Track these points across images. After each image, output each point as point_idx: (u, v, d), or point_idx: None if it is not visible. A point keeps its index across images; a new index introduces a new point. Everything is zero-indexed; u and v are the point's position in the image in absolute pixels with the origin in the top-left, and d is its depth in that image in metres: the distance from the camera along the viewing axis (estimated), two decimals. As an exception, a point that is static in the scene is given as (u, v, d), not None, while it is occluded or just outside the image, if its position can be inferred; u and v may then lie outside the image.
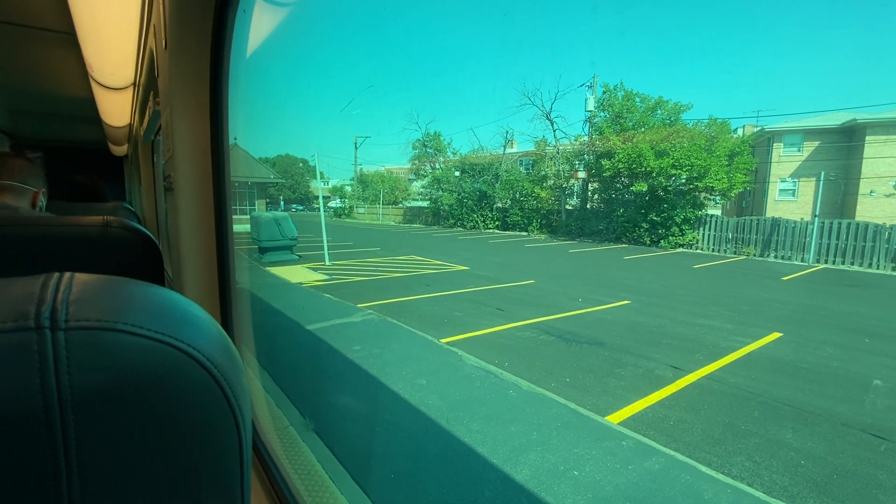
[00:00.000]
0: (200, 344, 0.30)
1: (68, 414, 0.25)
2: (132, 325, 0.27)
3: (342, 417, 3.81)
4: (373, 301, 7.61)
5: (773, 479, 2.96)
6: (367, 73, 54.62)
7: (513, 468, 2.98)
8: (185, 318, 0.31)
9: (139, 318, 0.28)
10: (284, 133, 59.63)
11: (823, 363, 5.13)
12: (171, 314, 0.30)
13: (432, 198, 29.50)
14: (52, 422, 0.25)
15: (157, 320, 0.29)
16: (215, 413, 0.32)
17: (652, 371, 4.76)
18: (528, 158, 26.25)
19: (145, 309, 0.29)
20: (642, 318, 6.93)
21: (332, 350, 5.33)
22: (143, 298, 0.30)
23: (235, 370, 0.34)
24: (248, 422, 0.36)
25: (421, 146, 31.35)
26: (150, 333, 0.28)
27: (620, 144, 18.51)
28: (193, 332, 0.30)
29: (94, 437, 0.26)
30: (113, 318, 0.27)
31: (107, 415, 0.26)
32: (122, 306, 0.28)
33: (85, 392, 0.25)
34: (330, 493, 2.45)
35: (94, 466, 0.27)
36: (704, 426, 3.63)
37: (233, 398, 0.33)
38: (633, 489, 2.80)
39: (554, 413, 3.79)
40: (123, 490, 0.28)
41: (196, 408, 0.30)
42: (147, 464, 0.29)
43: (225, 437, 0.33)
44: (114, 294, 0.29)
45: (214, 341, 0.32)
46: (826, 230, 15.01)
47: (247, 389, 0.36)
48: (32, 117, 4.89)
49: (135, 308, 0.28)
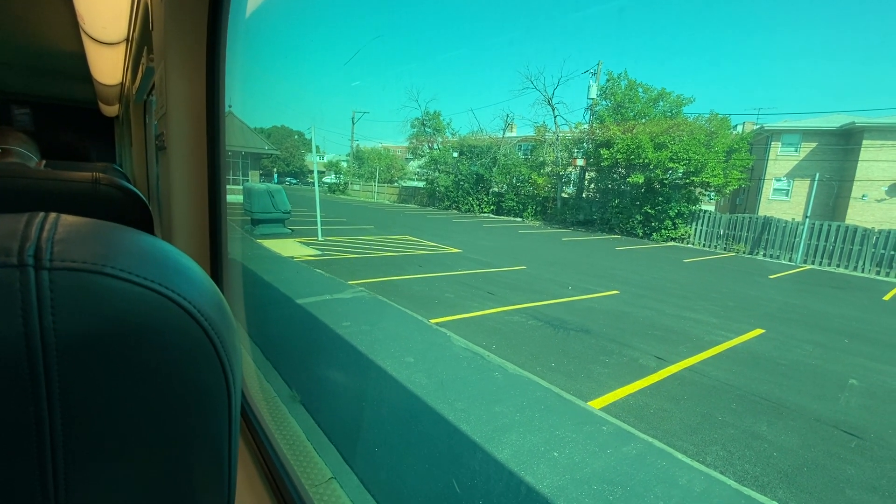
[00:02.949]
0: (193, 296, 0.29)
1: (52, 358, 0.24)
2: (121, 270, 0.26)
3: (329, 391, 3.84)
4: (364, 279, 7.61)
5: (746, 469, 3.06)
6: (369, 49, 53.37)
7: (494, 447, 3.04)
8: (177, 268, 0.29)
9: (129, 263, 0.26)
10: (280, 103, 58.33)
11: (802, 361, 5.26)
12: (163, 263, 0.29)
13: (429, 178, 29.26)
14: (34, 365, 0.24)
15: (149, 267, 0.27)
16: (206, 369, 0.31)
17: (636, 360, 4.85)
18: (527, 143, 26.05)
19: (136, 255, 0.27)
20: (630, 308, 7.01)
21: (321, 325, 5.34)
22: (133, 244, 0.28)
23: (228, 328, 0.33)
24: (238, 382, 0.35)
25: (420, 125, 30.94)
26: (140, 280, 0.26)
27: (620, 134, 18.42)
28: (186, 283, 0.29)
29: (78, 385, 0.25)
30: (101, 261, 0.25)
31: (92, 362, 0.25)
32: (110, 250, 0.26)
33: (70, 336, 0.24)
34: (314, 463, 2.48)
35: (78, 414, 0.26)
36: (683, 416, 3.72)
37: (224, 356, 0.32)
38: (611, 472, 2.88)
39: (538, 396, 3.85)
40: (108, 441, 0.27)
41: (186, 362, 0.29)
42: (133, 416, 0.28)
43: (214, 395, 0.32)
44: (102, 237, 0.27)
45: (207, 296, 0.31)
46: (816, 231, 15.20)
47: (239, 350, 0.35)
48: (19, 71, 4.72)
49: (125, 253, 0.27)
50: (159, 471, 0.30)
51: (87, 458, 0.27)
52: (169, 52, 1.05)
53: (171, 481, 0.31)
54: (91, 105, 6.17)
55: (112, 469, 0.28)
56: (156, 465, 0.30)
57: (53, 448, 0.26)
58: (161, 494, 0.31)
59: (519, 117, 37.15)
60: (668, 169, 17.74)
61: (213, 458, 0.34)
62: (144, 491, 0.30)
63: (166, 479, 0.31)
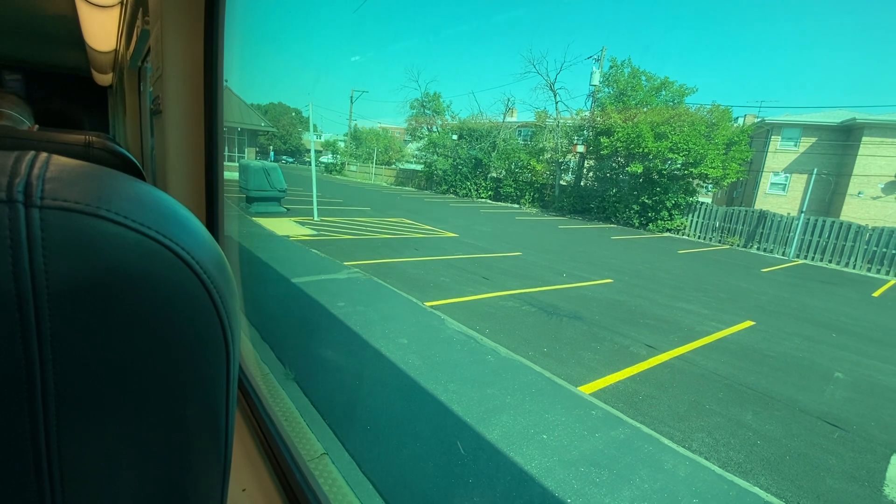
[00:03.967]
0: (192, 248, 0.28)
1: (43, 301, 0.23)
2: (116, 214, 0.24)
3: (323, 369, 3.86)
4: (360, 260, 7.60)
5: (730, 456, 3.13)
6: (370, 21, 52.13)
7: (485, 428, 3.08)
8: (176, 218, 0.28)
9: (125, 207, 0.25)
10: (277, 80, 57.22)
11: (790, 353, 5.34)
12: (162, 211, 0.27)
13: (427, 161, 29.05)
14: (25, 308, 0.22)
15: (145, 214, 0.26)
16: (205, 325, 0.30)
17: (627, 348, 4.90)
18: (528, 129, 25.84)
19: (133, 200, 0.26)
20: (623, 297, 7.06)
21: (315, 304, 5.35)
22: (130, 189, 0.27)
23: (228, 285, 0.32)
24: (237, 343, 0.34)
25: (419, 106, 30.58)
26: (137, 226, 0.25)
27: (621, 123, 18.29)
28: (185, 234, 0.28)
29: (72, 330, 0.24)
30: (95, 202, 0.24)
31: (85, 308, 0.24)
32: (105, 193, 0.25)
33: (62, 280, 0.23)
34: (307, 439, 2.51)
35: (71, 361, 0.25)
36: (671, 403, 3.78)
37: (224, 313, 0.31)
38: (598, 455, 2.93)
39: (529, 380, 3.90)
40: (101, 392, 0.26)
41: (183, 316, 0.28)
42: (128, 367, 0.27)
43: (213, 354, 0.31)
44: (97, 179, 0.26)
45: (207, 249, 0.30)
46: (810, 227, 15.30)
47: (238, 311, 0.34)
48: (10, 36, 4.58)
49: (120, 197, 0.25)
50: (154, 427, 0.30)
51: (80, 407, 0.26)
52: (166, 10, 1.01)
53: (165, 440, 0.31)
54: (84, 73, 6.03)
55: (106, 422, 0.27)
56: (150, 421, 0.29)
57: (45, 396, 0.24)
58: (155, 452, 0.30)
59: (520, 101, 36.77)
60: (667, 159, 17.70)
61: (209, 420, 0.33)
62: (138, 447, 0.29)
63: (161, 437, 0.30)
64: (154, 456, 0.30)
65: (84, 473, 0.27)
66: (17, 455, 0.25)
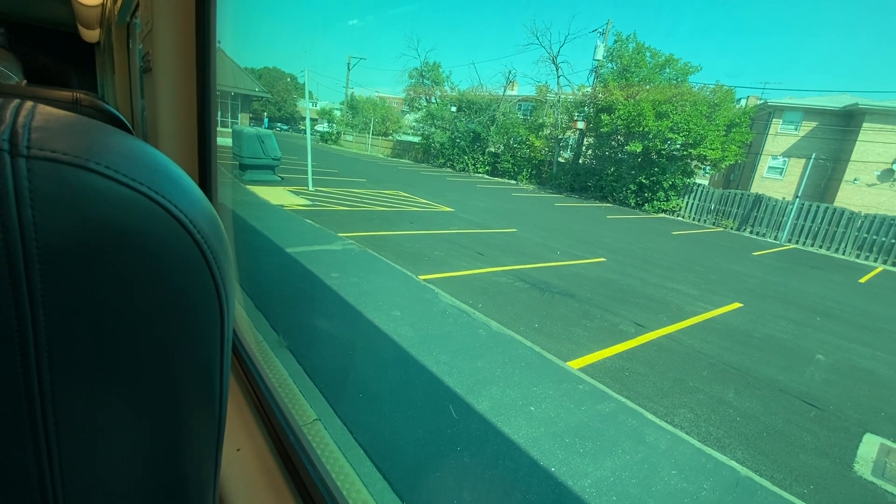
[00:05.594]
0: (185, 206, 0.27)
1: (33, 257, 0.22)
2: (106, 168, 0.24)
3: (316, 339, 3.90)
4: (354, 232, 7.56)
5: (710, 431, 3.23)
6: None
7: (474, 399, 3.15)
8: (168, 175, 0.27)
9: (116, 161, 0.24)
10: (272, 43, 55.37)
11: (775, 335, 5.46)
12: (154, 167, 0.26)
13: (424, 134, 28.58)
14: (14, 262, 0.22)
15: (138, 169, 0.25)
16: (197, 284, 0.29)
17: (616, 326, 4.98)
18: (528, 103, 25.40)
19: (124, 154, 0.25)
20: (615, 276, 7.13)
21: (309, 274, 5.35)
22: (121, 143, 0.26)
23: (222, 244, 0.31)
24: (231, 304, 0.34)
25: (418, 76, 29.85)
26: (128, 181, 0.24)
27: (623, 100, 18.01)
28: (178, 192, 0.27)
29: (63, 289, 0.23)
30: (85, 155, 0.23)
31: (78, 265, 0.23)
32: (94, 146, 0.24)
33: (52, 234, 0.22)
34: (300, 404, 2.56)
35: (63, 318, 0.24)
36: (656, 379, 3.88)
37: (218, 274, 0.30)
38: (583, 427, 3.02)
39: (519, 353, 3.97)
40: (95, 352, 0.26)
41: (176, 274, 0.28)
42: (122, 327, 0.26)
43: (207, 314, 0.31)
44: (85, 131, 0.25)
45: (200, 208, 0.29)
46: (804, 212, 15.38)
47: (232, 272, 0.33)
48: None
49: (111, 150, 0.24)
50: (148, 386, 0.29)
51: (74, 368, 0.25)
52: (155, -40, 0.96)
53: (160, 399, 0.31)
54: (70, 28, 5.78)
55: (100, 383, 0.27)
56: (144, 381, 0.29)
57: (38, 357, 0.24)
58: (150, 410, 0.30)
59: (521, 74, 35.94)
60: (666, 139, 17.55)
61: (204, 380, 0.33)
62: (133, 406, 0.29)
63: (156, 396, 0.30)
64: (149, 414, 0.30)
65: (79, 434, 0.27)
66: (12, 416, 0.25)
